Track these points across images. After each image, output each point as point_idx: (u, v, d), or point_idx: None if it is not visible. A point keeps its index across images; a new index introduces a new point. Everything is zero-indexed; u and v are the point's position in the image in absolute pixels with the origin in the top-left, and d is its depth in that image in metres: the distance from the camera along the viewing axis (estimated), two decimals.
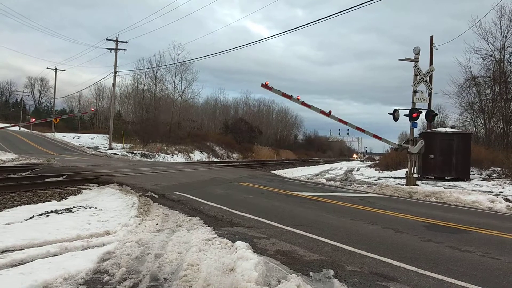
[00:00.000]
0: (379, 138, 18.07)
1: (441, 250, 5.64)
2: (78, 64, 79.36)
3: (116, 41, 40.68)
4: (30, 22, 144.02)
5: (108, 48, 41.13)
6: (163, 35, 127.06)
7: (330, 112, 16.72)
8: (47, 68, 64.74)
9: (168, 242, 5.47)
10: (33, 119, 38.71)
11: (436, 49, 25.01)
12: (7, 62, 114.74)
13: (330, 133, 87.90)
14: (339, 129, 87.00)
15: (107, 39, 40.85)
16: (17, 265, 4.27)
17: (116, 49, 40.79)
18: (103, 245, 5.26)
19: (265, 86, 16.52)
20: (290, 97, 16.77)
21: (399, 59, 16.48)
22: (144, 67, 53.90)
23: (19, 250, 4.77)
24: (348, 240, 5.96)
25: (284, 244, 5.69)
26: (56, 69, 60.18)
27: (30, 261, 4.41)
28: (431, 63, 24.02)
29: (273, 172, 26.08)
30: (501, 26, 28.69)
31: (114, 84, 43.05)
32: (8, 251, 4.73)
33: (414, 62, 16.14)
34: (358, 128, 17.60)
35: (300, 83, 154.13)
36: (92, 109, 58.10)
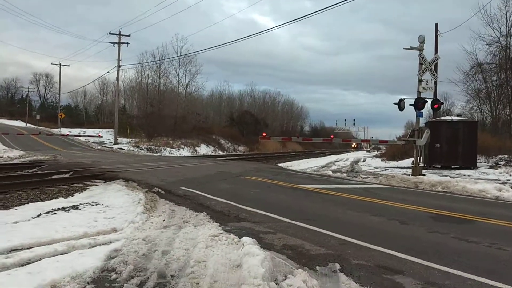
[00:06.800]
0: (385, 142, 22.10)
1: (447, 242, 5.62)
2: (82, 59, 79.38)
3: (119, 34, 40.61)
4: (38, 20, 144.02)
5: (111, 42, 41.05)
6: (168, 29, 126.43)
7: (332, 137, 20.12)
8: (52, 63, 65.03)
9: (175, 238, 5.49)
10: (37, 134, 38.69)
11: (441, 36, 24.68)
12: (15, 59, 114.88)
13: (336, 123, 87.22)
14: (345, 120, 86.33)
15: (110, 33, 40.81)
16: (25, 264, 4.31)
17: (119, 43, 40.72)
18: (110, 242, 5.29)
19: (263, 137, 20.79)
20: (290, 139, 25.49)
21: (403, 48, 16.32)
22: (147, 60, 53.81)
23: (27, 249, 4.81)
24: (354, 233, 5.96)
25: (290, 238, 5.70)
26: (60, 64, 60.24)
27: (38, 260, 4.44)
28: (436, 51, 23.75)
29: (280, 164, 26.07)
30: (506, 12, 28.26)
31: (117, 78, 42.96)
32: (16, 250, 4.77)
33: (419, 51, 15.96)
34: (363, 140, 20.34)
35: (306, 74, 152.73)
36: None
